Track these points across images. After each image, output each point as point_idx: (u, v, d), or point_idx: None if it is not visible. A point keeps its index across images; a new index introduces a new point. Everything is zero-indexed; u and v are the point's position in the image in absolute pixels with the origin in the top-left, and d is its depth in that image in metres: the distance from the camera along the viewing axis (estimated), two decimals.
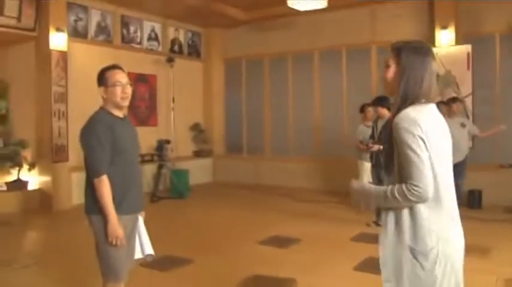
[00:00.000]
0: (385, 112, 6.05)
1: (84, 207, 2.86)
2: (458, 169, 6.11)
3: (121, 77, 2.84)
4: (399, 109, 1.97)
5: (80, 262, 4.84)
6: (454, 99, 6.89)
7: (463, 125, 6.69)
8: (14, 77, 8.29)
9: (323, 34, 9.46)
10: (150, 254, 3.04)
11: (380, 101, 6.13)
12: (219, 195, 9.20)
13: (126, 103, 2.87)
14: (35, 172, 7.80)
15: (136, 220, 2.96)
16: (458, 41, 7.89)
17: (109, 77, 2.82)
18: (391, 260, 1.98)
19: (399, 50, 2.03)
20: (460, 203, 2.12)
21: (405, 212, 1.94)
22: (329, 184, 9.09)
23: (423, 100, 1.98)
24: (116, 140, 2.76)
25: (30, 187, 7.76)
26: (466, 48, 7.74)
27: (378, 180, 5.99)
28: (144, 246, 3.02)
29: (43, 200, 7.69)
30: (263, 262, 4.78)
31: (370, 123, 6.88)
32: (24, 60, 8.01)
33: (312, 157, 9.66)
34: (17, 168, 7.66)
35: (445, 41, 7.94)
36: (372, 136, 6.33)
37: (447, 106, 6.84)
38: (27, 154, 7.81)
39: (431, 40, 8.04)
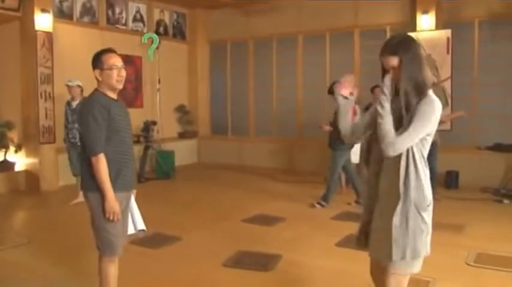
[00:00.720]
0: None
1: (80, 184, 3.00)
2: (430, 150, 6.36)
3: (117, 61, 2.97)
4: (421, 95, 2.20)
5: (71, 239, 4.99)
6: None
7: None
8: None
9: (307, 18, 9.57)
10: (142, 230, 3.21)
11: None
12: (204, 176, 9.36)
13: (121, 86, 3.00)
14: (21, 153, 7.84)
15: (130, 197, 3.12)
16: (438, 26, 8.08)
17: (105, 61, 2.94)
18: (399, 219, 2.22)
19: (398, 46, 2.29)
20: (436, 183, 2.38)
21: (412, 172, 2.20)
22: (312, 165, 9.32)
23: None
24: (112, 120, 2.89)
25: (17, 168, 7.81)
26: (446, 33, 7.94)
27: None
28: (136, 222, 3.20)
29: (30, 182, 7.76)
30: (249, 238, 4.99)
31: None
32: (9, 41, 7.97)
33: (295, 138, 9.86)
34: (4, 149, 7.69)
35: (426, 26, 8.12)
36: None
37: None
38: (14, 135, 7.84)
39: (413, 24, 8.23)
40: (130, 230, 3.18)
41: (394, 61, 2.29)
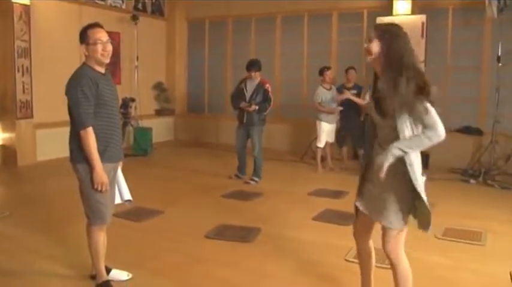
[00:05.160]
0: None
1: (69, 156, 3.09)
2: None
3: (102, 36, 3.05)
4: (395, 79, 2.42)
5: (52, 211, 5.06)
6: None
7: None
8: None
9: None
10: (129, 200, 3.34)
11: None
12: (181, 153, 9.46)
13: (107, 60, 3.09)
14: None
15: (117, 168, 3.23)
16: (414, 11, 8.29)
17: (90, 35, 3.02)
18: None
19: (384, 32, 2.53)
20: None
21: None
22: (288, 144, 9.52)
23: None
24: (100, 94, 2.98)
25: None
26: (421, 18, 8.13)
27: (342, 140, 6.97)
28: (123, 192, 3.33)
29: (7, 157, 7.69)
30: (229, 212, 5.16)
31: (328, 86, 7.37)
32: None
33: (272, 117, 9.98)
34: None
35: (402, 10, 8.32)
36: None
37: None
38: None
39: (389, 9, 8.41)
40: (117, 200, 3.30)
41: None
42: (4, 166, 7.66)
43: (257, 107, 6.50)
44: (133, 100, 9.09)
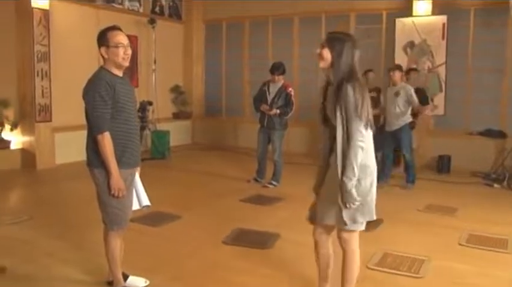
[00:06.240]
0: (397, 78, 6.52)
1: (86, 161, 3.05)
2: (397, 137, 6.47)
3: (122, 39, 2.99)
4: (339, 85, 2.65)
5: (71, 215, 5.06)
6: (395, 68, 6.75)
7: (396, 94, 6.48)
8: None
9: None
10: (147, 205, 3.29)
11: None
12: (199, 156, 9.43)
13: (127, 63, 3.03)
14: (17, 131, 7.82)
15: (135, 173, 3.18)
16: (434, 12, 8.15)
17: (111, 38, 2.96)
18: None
19: (334, 41, 2.74)
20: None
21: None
22: (306, 147, 9.43)
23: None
24: (117, 98, 2.93)
25: (12, 147, 7.78)
26: (442, 18, 8.01)
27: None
28: (141, 198, 3.27)
29: (26, 160, 7.76)
30: (247, 217, 5.09)
31: None
32: (5, 19, 7.85)
33: (290, 120, 9.90)
34: None
35: (422, 11, 8.18)
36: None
37: (407, 75, 7.35)
38: (10, 113, 7.80)
39: (409, 10, 8.28)
40: (135, 206, 3.25)
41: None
42: (24, 169, 7.72)
43: (278, 111, 6.43)
44: (150, 103, 9.09)
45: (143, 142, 8.92)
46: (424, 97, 7.51)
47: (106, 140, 2.90)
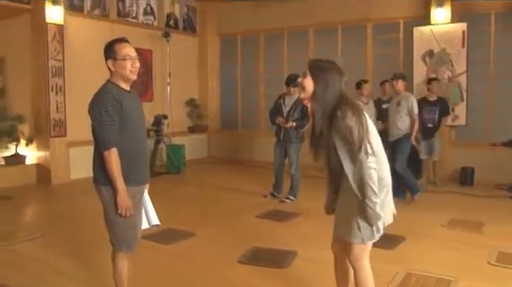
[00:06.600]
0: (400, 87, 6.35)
1: (92, 178, 2.93)
2: (395, 148, 6.20)
3: (130, 51, 2.87)
4: (330, 116, 2.49)
5: (84, 232, 4.95)
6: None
7: (398, 104, 6.31)
8: (9, 51, 8.24)
9: (318, 10, 9.43)
10: (156, 224, 3.14)
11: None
12: (215, 170, 9.30)
13: (135, 77, 2.91)
14: (32, 146, 7.81)
15: (143, 190, 3.05)
16: (453, 19, 7.94)
17: (118, 50, 2.85)
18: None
19: (317, 70, 2.55)
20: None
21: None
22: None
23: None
24: (124, 112, 2.80)
25: (28, 162, 7.78)
26: (462, 26, 7.80)
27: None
28: (150, 217, 3.13)
29: (41, 175, 7.74)
30: (263, 234, 4.92)
31: (365, 100, 7.08)
32: (19, 34, 7.93)
33: (306, 132, 9.74)
34: (15, 143, 7.66)
35: (441, 19, 7.98)
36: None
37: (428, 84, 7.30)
38: (25, 128, 7.81)
39: (427, 18, 8.09)
40: (145, 225, 3.12)
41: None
42: (39, 184, 7.70)
43: (294, 124, 6.28)
44: (165, 117, 8.99)
45: (158, 156, 8.85)
46: (445, 108, 7.31)
47: (113, 157, 2.77)
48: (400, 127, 6.24)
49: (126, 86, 2.91)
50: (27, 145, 7.76)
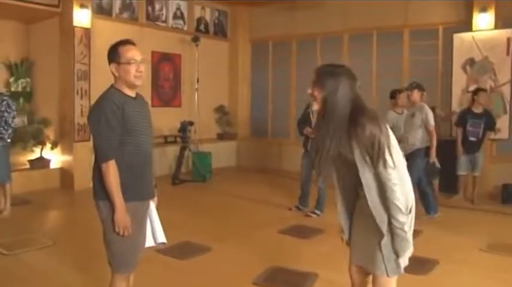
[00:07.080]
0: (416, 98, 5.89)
1: (92, 192, 2.70)
2: (409, 162, 5.72)
3: (135, 54, 2.64)
4: (338, 123, 2.19)
5: (96, 243, 4.70)
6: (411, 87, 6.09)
7: (412, 115, 5.96)
8: (37, 55, 8.23)
9: (353, 16, 9.08)
10: (162, 242, 2.87)
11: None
12: (242, 179, 9.03)
13: (140, 82, 2.67)
14: (57, 150, 7.75)
15: (148, 206, 2.78)
16: (497, 25, 7.44)
17: (122, 53, 2.62)
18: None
19: (324, 77, 2.27)
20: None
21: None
22: None
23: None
24: (127, 120, 2.56)
25: (52, 166, 7.72)
26: (506, 32, 7.30)
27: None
28: (156, 234, 2.85)
29: (64, 179, 7.67)
30: (283, 253, 4.60)
31: (400, 110, 6.64)
32: (48, 37, 7.90)
33: None
34: (40, 146, 7.62)
35: (484, 25, 7.49)
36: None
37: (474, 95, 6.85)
38: (50, 132, 7.76)
39: (468, 24, 7.62)
40: (150, 243, 2.84)
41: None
42: (62, 189, 7.63)
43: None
44: (191, 124, 8.78)
45: (184, 163, 8.65)
46: (491, 121, 6.82)
47: (111, 170, 2.52)
48: (412, 141, 5.85)
49: (130, 93, 2.67)
50: (52, 148, 7.71)
